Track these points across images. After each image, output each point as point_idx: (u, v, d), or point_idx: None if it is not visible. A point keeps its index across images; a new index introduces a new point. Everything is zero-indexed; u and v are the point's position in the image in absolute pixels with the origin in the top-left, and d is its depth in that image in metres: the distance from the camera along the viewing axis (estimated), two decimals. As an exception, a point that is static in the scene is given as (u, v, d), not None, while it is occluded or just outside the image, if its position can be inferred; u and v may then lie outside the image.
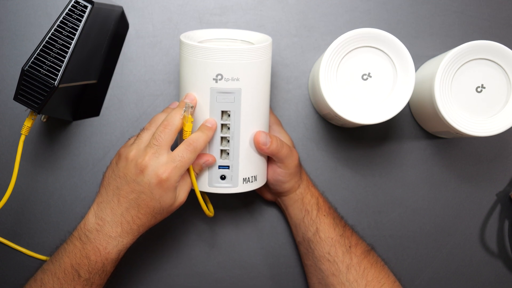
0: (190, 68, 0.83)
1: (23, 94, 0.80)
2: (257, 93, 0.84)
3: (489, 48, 0.85)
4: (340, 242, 0.88)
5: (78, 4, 0.80)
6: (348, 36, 0.84)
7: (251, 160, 0.86)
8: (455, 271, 1.00)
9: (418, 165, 0.98)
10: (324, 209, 0.90)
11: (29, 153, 0.96)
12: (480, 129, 0.86)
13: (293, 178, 0.90)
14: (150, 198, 0.80)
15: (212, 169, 0.85)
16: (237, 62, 0.81)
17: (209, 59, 0.81)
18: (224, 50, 0.80)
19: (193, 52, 0.82)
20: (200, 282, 0.98)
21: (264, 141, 0.85)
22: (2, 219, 0.96)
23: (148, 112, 0.96)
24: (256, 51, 0.82)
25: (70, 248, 0.81)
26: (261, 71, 0.83)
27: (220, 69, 0.81)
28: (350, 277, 0.87)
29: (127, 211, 0.81)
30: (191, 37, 0.86)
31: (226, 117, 0.83)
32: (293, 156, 0.88)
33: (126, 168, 0.81)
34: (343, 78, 0.85)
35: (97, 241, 0.80)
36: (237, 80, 0.81)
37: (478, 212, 0.99)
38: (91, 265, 0.80)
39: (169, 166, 0.79)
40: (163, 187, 0.79)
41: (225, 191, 0.86)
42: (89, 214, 0.82)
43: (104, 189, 0.83)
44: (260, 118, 0.86)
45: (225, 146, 0.84)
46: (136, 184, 0.80)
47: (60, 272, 0.81)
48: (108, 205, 0.81)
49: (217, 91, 0.82)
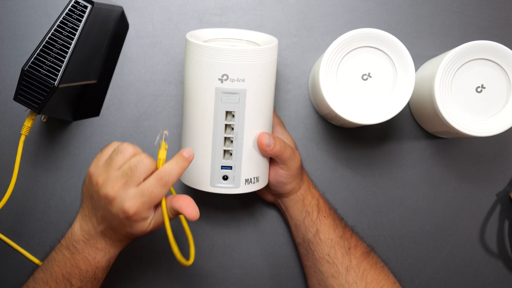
0: (196, 67, 0.82)
1: (23, 94, 0.80)
2: (262, 94, 0.84)
3: (489, 48, 0.85)
4: (339, 243, 0.88)
5: (78, 4, 0.80)
6: (348, 36, 0.84)
7: (253, 161, 0.86)
8: (455, 271, 1.00)
9: (418, 165, 0.98)
10: (324, 211, 0.90)
11: (29, 153, 0.96)
12: (480, 129, 0.86)
13: (295, 180, 0.90)
14: (122, 224, 0.77)
15: (215, 169, 0.85)
16: (243, 63, 0.81)
17: (215, 59, 0.80)
18: (231, 51, 0.80)
19: (199, 52, 0.81)
20: (200, 282, 0.98)
21: (267, 143, 0.85)
22: (2, 219, 0.96)
23: (148, 112, 0.96)
24: (263, 52, 0.82)
25: (60, 257, 0.81)
26: (266, 73, 0.83)
27: (226, 69, 0.81)
28: (350, 278, 0.87)
29: (106, 230, 0.79)
30: (197, 36, 0.85)
31: (230, 117, 0.83)
32: (295, 158, 0.88)
33: (97, 194, 0.77)
34: (343, 78, 0.85)
35: (85, 251, 0.80)
36: (242, 80, 0.81)
37: (478, 212, 0.99)
38: (82, 274, 0.80)
39: (137, 200, 0.75)
40: (131, 220, 0.76)
41: (227, 192, 0.86)
42: (75, 224, 0.81)
43: (85, 204, 0.81)
44: (264, 120, 0.85)
45: (228, 147, 0.84)
46: (107, 212, 0.77)
47: (52, 282, 0.80)
48: (89, 221, 0.80)
49: (222, 91, 0.82)
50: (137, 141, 0.96)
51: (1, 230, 0.96)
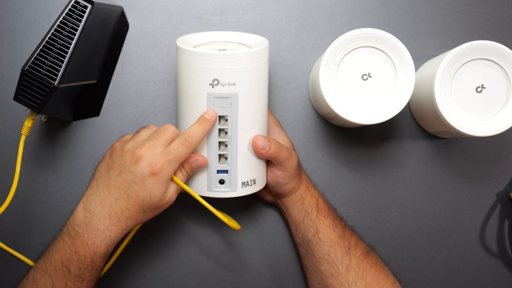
0: (187, 73, 0.82)
1: (23, 94, 0.80)
2: (254, 97, 0.84)
3: (489, 48, 0.85)
4: (339, 243, 0.88)
5: (78, 4, 0.80)
6: (348, 36, 0.84)
7: (249, 164, 0.86)
8: (455, 271, 1.00)
9: (418, 165, 0.98)
10: (324, 210, 0.90)
11: (29, 153, 0.96)
12: (480, 129, 0.86)
13: (293, 180, 0.90)
14: (141, 188, 0.80)
15: (211, 174, 0.85)
16: (233, 67, 0.81)
17: (205, 64, 0.81)
18: (220, 55, 0.80)
19: (189, 57, 0.81)
20: (200, 282, 0.98)
21: (262, 145, 0.85)
22: (2, 219, 0.96)
23: (148, 112, 0.96)
24: (252, 55, 0.82)
25: (60, 244, 0.82)
26: (257, 75, 0.83)
27: (216, 74, 0.81)
28: (350, 278, 0.87)
29: (116, 201, 0.81)
30: (188, 41, 0.86)
31: (223, 122, 0.83)
32: (292, 158, 0.88)
33: (121, 159, 0.82)
34: (343, 78, 0.85)
35: (85, 235, 0.81)
36: (233, 84, 0.81)
37: (478, 212, 0.99)
38: (81, 261, 0.80)
39: (163, 158, 0.80)
40: (155, 178, 0.80)
41: (224, 196, 0.86)
42: (78, 208, 0.83)
43: (95, 181, 0.83)
44: (258, 122, 0.85)
45: (223, 151, 0.84)
46: (129, 174, 0.80)
47: (51, 269, 0.81)
48: (97, 196, 0.82)
49: (214, 96, 0.82)
50: (137, 141, 0.96)
51: (1, 230, 0.96)
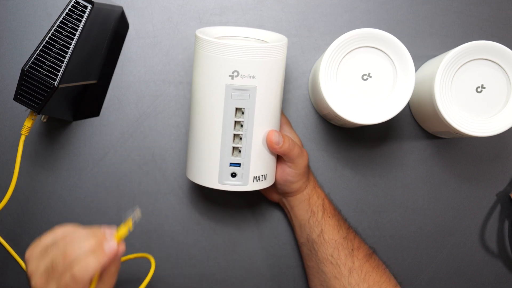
0: (206, 64, 0.82)
1: (23, 94, 0.80)
2: (272, 91, 0.84)
3: (489, 48, 0.85)
4: (343, 244, 0.88)
5: (78, 4, 0.80)
6: (348, 36, 0.84)
7: (262, 159, 0.85)
8: (455, 271, 1.00)
9: (418, 165, 0.98)
10: (329, 211, 0.91)
11: (29, 153, 0.96)
12: (480, 129, 0.86)
13: (302, 179, 0.90)
14: None
15: (223, 166, 0.84)
16: (254, 60, 0.81)
17: (226, 55, 0.80)
18: (242, 47, 0.80)
19: (210, 48, 0.81)
20: (200, 282, 0.98)
21: (277, 140, 0.85)
22: (2, 219, 0.96)
23: (148, 112, 0.96)
24: (273, 49, 0.82)
25: None
26: (276, 70, 0.83)
27: (237, 65, 0.81)
28: (352, 280, 0.87)
29: None
30: (206, 33, 0.85)
31: (239, 114, 0.83)
32: (303, 156, 0.88)
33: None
34: (343, 78, 0.85)
35: None
36: (253, 77, 0.81)
37: (478, 212, 0.99)
38: None
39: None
40: None
41: (235, 189, 0.85)
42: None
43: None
44: (273, 117, 0.86)
45: (237, 144, 0.84)
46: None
47: None
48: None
49: (233, 88, 0.82)
50: (137, 141, 0.96)
51: (1, 230, 0.96)
